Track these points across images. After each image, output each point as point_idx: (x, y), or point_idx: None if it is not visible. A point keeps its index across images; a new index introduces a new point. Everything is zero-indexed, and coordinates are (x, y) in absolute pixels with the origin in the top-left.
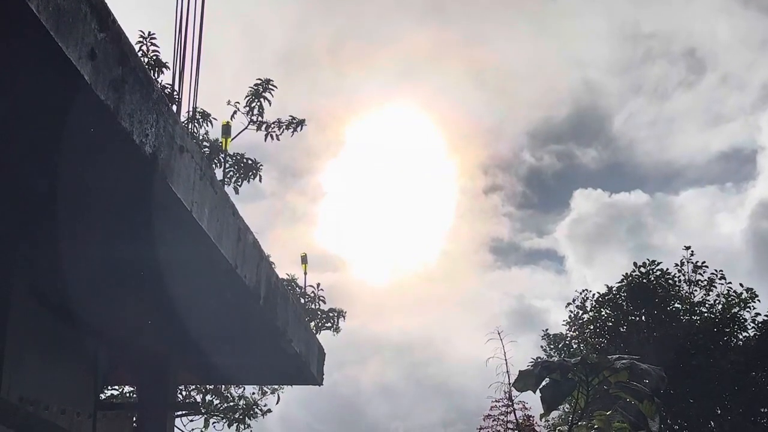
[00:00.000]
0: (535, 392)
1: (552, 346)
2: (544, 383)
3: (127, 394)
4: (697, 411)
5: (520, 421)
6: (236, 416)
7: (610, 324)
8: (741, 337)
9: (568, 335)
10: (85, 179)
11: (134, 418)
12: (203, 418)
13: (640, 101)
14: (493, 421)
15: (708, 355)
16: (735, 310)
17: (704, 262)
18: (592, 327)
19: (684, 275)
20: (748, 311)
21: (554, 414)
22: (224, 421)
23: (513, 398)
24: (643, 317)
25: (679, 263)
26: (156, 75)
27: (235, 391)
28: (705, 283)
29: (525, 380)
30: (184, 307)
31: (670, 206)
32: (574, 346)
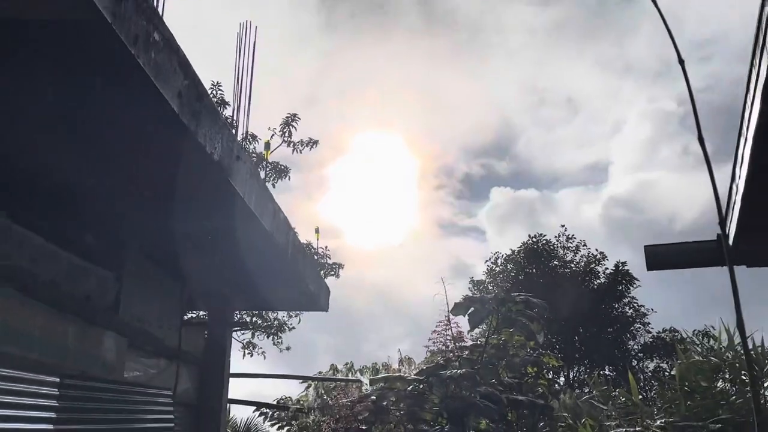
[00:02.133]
0: (464, 316)
1: (476, 288)
2: (470, 311)
3: (202, 316)
4: (567, 329)
5: (455, 335)
6: (272, 331)
7: (513, 274)
8: (595, 283)
9: (486, 281)
10: (175, 177)
11: (205, 332)
12: (251, 331)
13: (536, 131)
14: (437, 335)
15: (575, 294)
16: (592, 265)
17: (573, 235)
18: (501, 276)
19: (560, 243)
20: (600, 266)
21: (477, 331)
22: (264, 333)
23: (450, 320)
24: (534, 270)
25: (557, 236)
26: (221, 109)
27: (271, 315)
28: (574, 248)
29: (458, 309)
30: (239, 260)
31: (553, 199)
32: (490, 288)
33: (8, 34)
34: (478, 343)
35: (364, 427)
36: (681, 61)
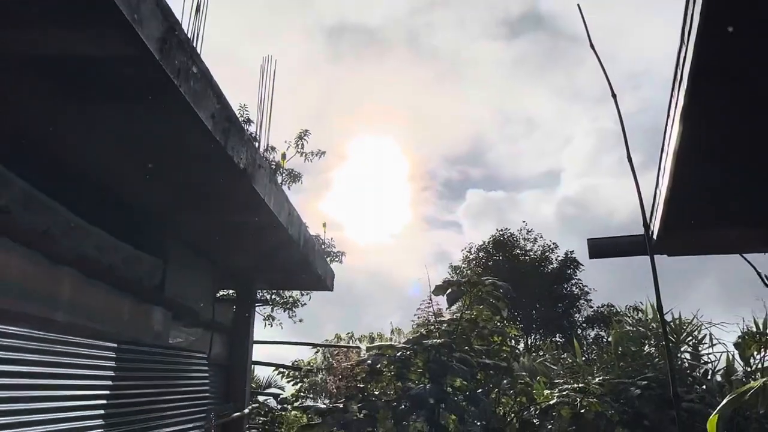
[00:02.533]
0: (443, 296)
1: (454, 272)
2: (448, 291)
3: (231, 294)
4: (526, 305)
5: (436, 311)
6: (287, 306)
7: (484, 261)
8: (549, 268)
9: (463, 266)
10: (209, 182)
11: (234, 307)
12: (270, 306)
13: (503, 144)
14: (421, 311)
15: (533, 277)
16: (547, 253)
17: (532, 228)
18: (474, 262)
19: (522, 236)
20: (553, 254)
21: (453, 307)
22: (281, 308)
23: (432, 299)
24: (500, 257)
25: (519, 229)
26: (247, 126)
27: (287, 293)
28: (532, 239)
29: (439, 290)
30: (261, 248)
31: (517, 200)
32: (467, 272)
33: (78, 68)
34: (455, 317)
35: (361, 386)
36: (613, 95)
